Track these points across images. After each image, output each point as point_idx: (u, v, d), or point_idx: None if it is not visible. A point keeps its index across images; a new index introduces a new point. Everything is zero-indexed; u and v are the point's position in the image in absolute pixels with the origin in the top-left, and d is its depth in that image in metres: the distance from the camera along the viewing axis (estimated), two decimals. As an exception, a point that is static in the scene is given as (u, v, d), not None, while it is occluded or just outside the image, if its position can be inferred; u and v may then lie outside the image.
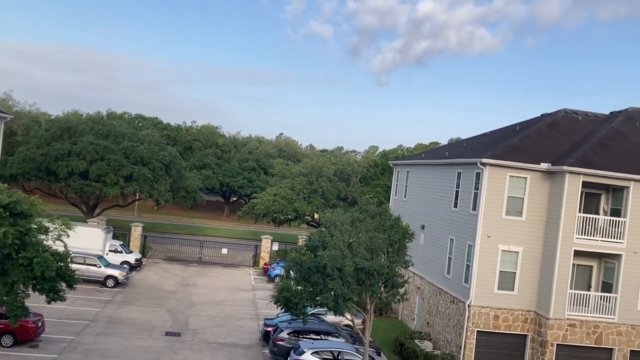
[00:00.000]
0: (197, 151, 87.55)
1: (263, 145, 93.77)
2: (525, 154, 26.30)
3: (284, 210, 54.77)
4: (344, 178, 60.39)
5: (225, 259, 50.50)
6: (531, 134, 28.59)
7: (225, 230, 72.24)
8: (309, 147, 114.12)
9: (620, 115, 30.29)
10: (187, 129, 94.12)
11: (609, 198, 26.68)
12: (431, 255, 31.42)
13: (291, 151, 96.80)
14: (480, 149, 29.25)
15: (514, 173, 25.84)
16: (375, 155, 77.36)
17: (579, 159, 25.20)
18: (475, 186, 26.59)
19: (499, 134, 32.93)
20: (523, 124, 32.39)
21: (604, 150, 26.53)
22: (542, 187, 25.96)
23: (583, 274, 26.86)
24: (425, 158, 36.35)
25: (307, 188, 57.18)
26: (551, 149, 27.06)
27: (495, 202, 25.74)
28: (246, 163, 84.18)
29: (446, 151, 35.42)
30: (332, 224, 22.85)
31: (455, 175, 29.20)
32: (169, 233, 61.72)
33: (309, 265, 21.72)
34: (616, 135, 28.12)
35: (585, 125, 30.01)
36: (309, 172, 58.64)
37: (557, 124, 29.88)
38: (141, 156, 51.10)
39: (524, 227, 25.97)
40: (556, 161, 25.77)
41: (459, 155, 30.97)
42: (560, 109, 31.23)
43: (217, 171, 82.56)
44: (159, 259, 49.26)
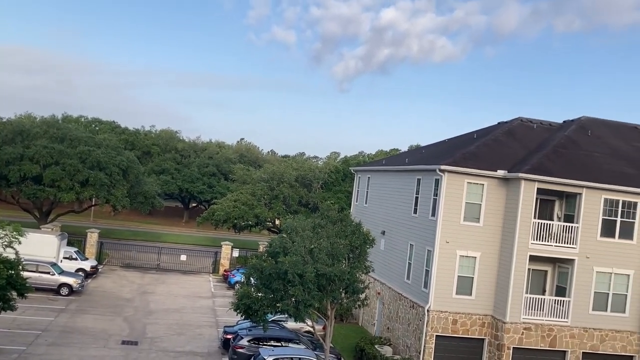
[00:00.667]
0: (155, 156, 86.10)
1: (223, 151, 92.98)
2: (483, 161, 26.84)
3: (245, 216, 54.39)
4: (306, 184, 60.41)
5: (184, 266, 49.73)
6: (488, 141, 29.21)
7: (184, 236, 71.19)
8: (270, 153, 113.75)
9: (573, 124, 31.28)
10: (145, 133, 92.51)
11: (562, 204, 27.47)
12: (391, 261, 31.69)
13: (252, 157, 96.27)
14: (439, 156, 29.72)
15: (472, 180, 26.33)
16: (337, 162, 77.70)
17: (534, 166, 25.87)
18: (434, 192, 26.97)
19: (458, 141, 33.53)
20: (480, 131, 33.08)
21: (557, 157, 27.32)
22: (498, 194, 26.53)
23: (538, 278, 27.55)
24: (385, 164, 36.70)
25: (269, 194, 56.95)
26: (507, 156, 27.70)
27: (453, 208, 26.16)
28: (206, 168, 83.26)
29: (406, 158, 35.86)
30: (294, 230, 22.79)
31: (415, 182, 29.56)
32: (126, 239, 60.40)
33: (270, 271, 21.59)
34: (569, 143, 29.01)
35: (540, 133, 30.86)
36: (270, 177, 58.43)
37: (514, 132, 30.63)
38: (98, 161, 49.94)
39: (482, 233, 26.47)
40: (512, 168, 26.40)
41: (419, 162, 31.39)
42: (516, 118, 32.04)
43: (177, 176, 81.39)
44: (115, 266, 48.13)
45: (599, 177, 26.32)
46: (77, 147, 50.36)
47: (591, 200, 26.06)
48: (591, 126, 31.17)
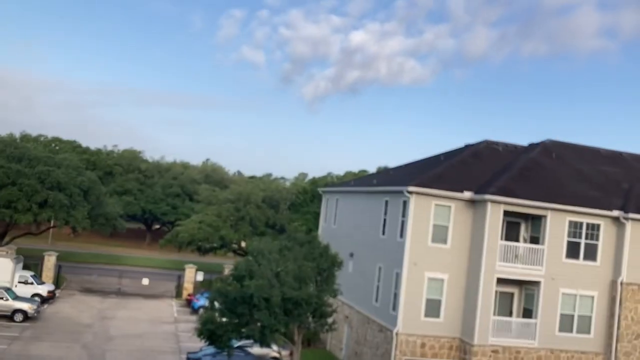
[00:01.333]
0: (118, 176, 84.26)
1: (188, 171, 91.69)
2: (450, 183, 26.90)
3: (210, 238, 53.38)
4: (273, 205, 59.81)
5: (147, 290, 48.33)
6: (455, 163, 29.37)
7: (146, 259, 69.44)
8: (236, 173, 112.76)
9: (538, 146, 31.77)
10: (107, 153, 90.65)
11: (528, 226, 27.68)
12: (360, 284, 31.33)
13: (218, 177, 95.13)
14: (407, 177, 29.70)
15: (439, 201, 26.32)
16: (305, 182, 77.49)
17: (500, 188, 26.03)
18: (402, 214, 26.86)
19: (425, 163, 33.66)
20: (448, 153, 33.30)
21: (523, 180, 27.60)
22: (466, 216, 26.58)
23: (505, 300, 27.57)
24: (354, 186, 36.56)
25: (235, 215, 56.10)
26: (474, 178, 27.86)
27: (421, 230, 26.06)
28: (170, 189, 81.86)
29: (374, 179, 35.79)
30: (260, 253, 22.29)
31: (383, 203, 29.42)
32: (86, 262, 58.54)
33: (235, 295, 20.98)
34: (534, 165, 29.39)
35: (506, 155, 31.21)
36: (237, 198, 57.66)
37: (480, 154, 30.91)
38: (57, 181, 48.44)
39: (449, 255, 26.41)
40: (479, 190, 26.51)
41: (387, 183, 31.32)
42: (483, 140, 32.38)
43: (139, 197, 79.73)
44: (74, 291, 46.43)
45: (563, 199, 26.65)
46: (35, 166, 48.81)
47: (556, 222, 26.33)
48: (555, 149, 31.70)
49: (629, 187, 29.44)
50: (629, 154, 34.02)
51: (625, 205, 27.38)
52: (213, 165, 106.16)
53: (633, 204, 27.50)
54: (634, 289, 26.96)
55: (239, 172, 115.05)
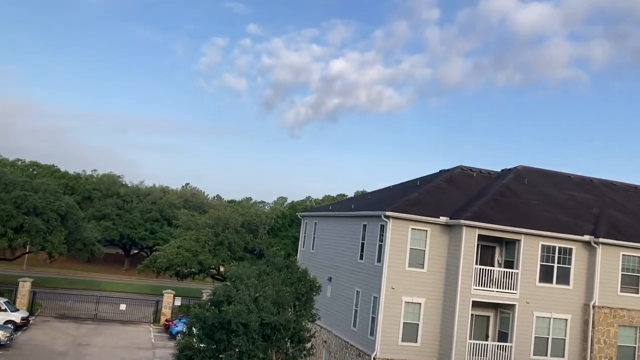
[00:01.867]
0: (96, 201, 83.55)
1: (168, 196, 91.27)
2: (426, 208, 27.41)
3: (188, 263, 53.07)
4: (252, 229, 59.80)
5: (124, 316, 47.72)
6: (431, 188, 29.94)
7: (124, 284, 68.57)
8: (216, 198, 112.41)
9: (511, 172, 32.55)
10: (86, 177, 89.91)
11: (502, 250, 28.22)
12: (338, 308, 31.46)
13: (197, 202, 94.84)
14: (384, 202, 30.16)
15: (416, 226, 26.78)
16: (284, 207, 77.62)
17: (474, 213, 26.60)
18: (380, 238, 27.22)
19: (402, 188, 34.19)
20: (423, 179, 33.90)
21: (497, 205, 28.24)
22: (441, 240, 27.04)
23: (481, 324, 27.91)
24: (332, 210, 36.89)
25: (213, 240, 55.94)
26: (449, 203, 28.42)
27: (398, 254, 26.43)
28: (149, 214, 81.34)
29: (352, 204, 36.18)
30: (238, 278, 22.38)
31: (361, 228, 29.78)
32: (62, 288, 57.61)
33: (213, 321, 21.00)
34: (507, 191, 30.09)
35: (479, 181, 31.90)
36: (216, 223, 57.54)
37: (455, 179, 31.56)
38: (34, 206, 47.95)
39: (426, 279, 26.76)
40: (454, 215, 27.05)
41: (365, 207, 31.71)
42: (457, 166, 33.07)
43: (118, 222, 79.05)
44: (49, 317, 45.65)
45: (536, 224, 27.29)
46: (12, 191, 48.31)
47: (529, 246, 26.92)
48: (527, 175, 32.51)
49: (599, 212, 30.26)
50: (599, 180, 35.02)
51: (596, 230, 28.12)
52: (192, 189, 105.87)
53: (603, 228, 28.26)
54: (605, 312, 27.53)
55: (218, 197, 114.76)
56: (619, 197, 33.52)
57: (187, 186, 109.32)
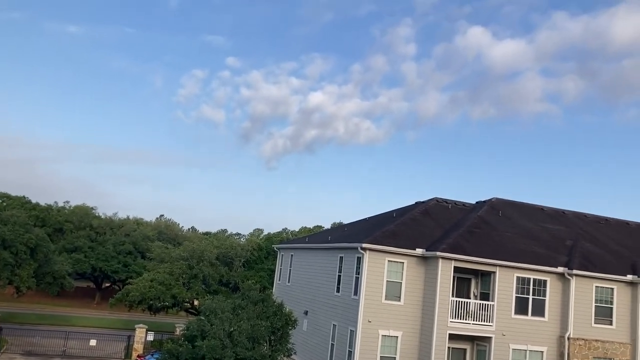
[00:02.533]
0: (68, 233, 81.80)
1: (142, 228, 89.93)
2: (402, 240, 27.46)
3: (161, 296, 51.98)
4: (227, 262, 59.07)
5: (94, 352, 46.28)
6: (407, 220, 30.06)
7: (95, 319, 66.73)
8: (191, 230, 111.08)
9: (485, 204, 32.91)
10: (58, 209, 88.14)
11: (478, 282, 28.31)
12: (314, 342, 31.02)
13: (172, 234, 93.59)
14: (361, 234, 30.15)
15: (392, 258, 26.76)
16: (260, 239, 77.01)
17: (450, 245, 26.72)
18: (357, 271, 27.10)
19: (378, 219, 34.27)
20: (399, 210, 34.06)
21: (472, 237, 28.43)
22: (418, 272, 27.04)
23: (458, 356, 27.75)
24: (309, 242, 36.71)
25: (187, 273, 55.03)
26: (425, 235, 28.53)
27: (375, 287, 26.30)
28: (122, 246, 79.87)
29: (329, 235, 36.09)
30: (212, 312, 21.99)
31: (337, 260, 29.64)
32: (29, 324, 55.71)
33: (186, 356, 20.51)
34: (482, 223, 30.37)
35: (455, 213, 32.17)
36: (190, 256, 56.71)
37: (430, 211, 31.77)
38: (2, 239, 46.73)
39: (403, 312, 26.63)
40: (430, 247, 27.14)
41: (341, 239, 31.64)
42: (433, 198, 33.35)
43: (90, 255, 77.38)
44: (15, 354, 44.01)
45: (511, 256, 27.52)
46: (-20, 223, 47.11)
47: (504, 278, 27.07)
48: (501, 207, 32.91)
49: (573, 244, 30.68)
50: (571, 212, 35.61)
51: (570, 262, 28.47)
52: (167, 221, 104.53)
53: (577, 260, 28.62)
54: (580, 344, 27.67)
55: (193, 229, 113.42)
56: (591, 228, 34.09)
57: (161, 218, 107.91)
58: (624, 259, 30.35)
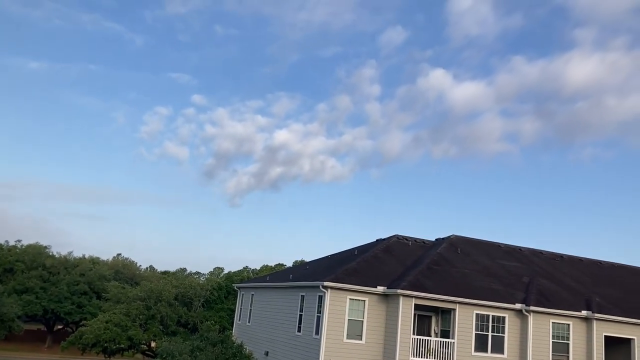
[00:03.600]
0: (19, 273, 78.66)
1: (98, 267, 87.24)
2: (364, 278, 27.47)
3: (117, 338, 50.27)
4: (186, 302, 57.77)
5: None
6: (368, 258, 30.16)
7: (45, 363, 63.86)
8: (149, 269, 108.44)
9: (444, 242, 33.37)
10: (9, 249, 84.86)
11: (438, 320, 28.43)
12: (274, 384, 30.38)
13: (129, 273, 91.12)
14: (323, 272, 30.05)
15: (354, 296, 26.69)
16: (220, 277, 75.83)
17: (410, 283, 26.87)
18: (318, 310, 26.88)
19: (340, 257, 34.27)
20: (361, 248, 34.18)
21: (432, 274, 28.69)
22: (379, 310, 27.00)
23: (420, 396, 27.58)
24: (270, 281, 36.30)
25: (145, 313, 53.53)
26: (386, 272, 28.65)
27: (336, 326, 26.10)
28: (77, 286, 77.22)
29: (290, 274, 35.81)
30: (170, 354, 21.41)
31: (299, 299, 29.36)
32: (-26, 370, 52.95)
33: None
34: (442, 260, 30.72)
35: (415, 250, 32.48)
36: (148, 296, 55.28)
37: (391, 249, 32.00)
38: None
39: (364, 351, 26.42)
40: (391, 284, 27.22)
41: (303, 278, 31.45)
42: (393, 235, 33.63)
43: (42, 296, 74.47)
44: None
45: (470, 293, 27.82)
46: None
47: (464, 315, 27.28)
48: (460, 244, 33.41)
49: (529, 281, 31.26)
50: (527, 249, 36.42)
51: (527, 298, 28.93)
52: (125, 260, 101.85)
53: (533, 297, 29.11)
54: (539, 380, 27.89)
55: (152, 268, 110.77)
56: (547, 265, 34.88)
57: (119, 257, 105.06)
58: (579, 295, 31.07)
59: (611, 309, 29.69)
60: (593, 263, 38.30)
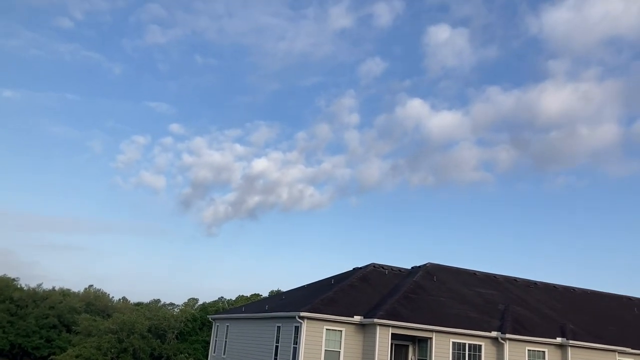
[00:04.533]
0: (-15, 307, 76.26)
1: (68, 299, 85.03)
2: (340, 307, 27.31)
3: (88, 373, 48.85)
4: (160, 334, 56.55)
5: None
6: (345, 287, 30.04)
7: (11, 401, 61.48)
8: (122, 300, 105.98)
9: (420, 270, 33.46)
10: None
11: (415, 349, 28.32)
12: (250, 418, 29.74)
13: (101, 305, 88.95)
14: (299, 302, 29.79)
15: (330, 326, 26.48)
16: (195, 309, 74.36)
17: (387, 312, 26.79)
18: (294, 340, 26.56)
19: (316, 286, 34.06)
20: (337, 277, 34.04)
21: (408, 303, 28.67)
22: (356, 340, 26.79)
23: None
24: (245, 312, 35.82)
25: (117, 347, 52.21)
26: (363, 301, 28.53)
27: (313, 357, 25.78)
28: (46, 320, 75.02)
29: (266, 304, 35.40)
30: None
31: (275, 330, 28.99)
32: None
33: None
34: (418, 288, 30.76)
35: (391, 278, 32.48)
36: (120, 328, 54.01)
37: (368, 277, 31.94)
38: None
39: (342, 382, 26.10)
40: (368, 314, 27.09)
41: (279, 308, 31.12)
42: (370, 264, 33.62)
43: (9, 330, 72.14)
44: None
45: (446, 322, 27.83)
46: None
47: (441, 344, 27.22)
48: (436, 272, 33.54)
49: (505, 308, 31.44)
50: (502, 276, 36.73)
51: (503, 326, 29.04)
52: (96, 292, 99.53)
53: (509, 324, 29.24)
54: (516, 408, 27.85)
55: (125, 299, 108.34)
56: (521, 292, 35.17)
57: (90, 288, 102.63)
58: (554, 322, 31.32)
59: (585, 336, 29.97)
60: (566, 290, 38.78)
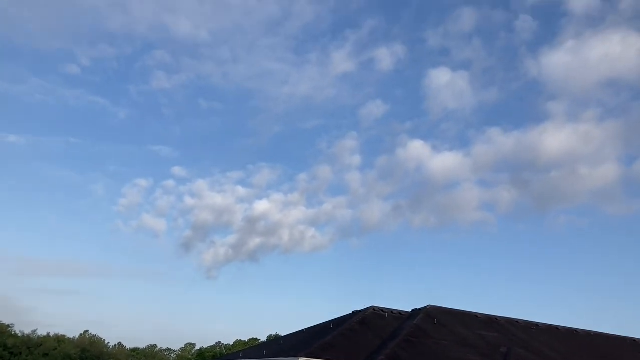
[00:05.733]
0: (-22, 354, 74.85)
1: (63, 345, 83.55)
2: (340, 352, 26.86)
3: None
4: (155, 381, 55.27)
5: None
6: (344, 331, 29.62)
7: None
8: (117, 346, 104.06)
9: (421, 312, 33.05)
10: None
11: (417, 394, 27.72)
12: None
13: (96, 351, 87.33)
14: (298, 347, 29.33)
15: (330, 372, 25.97)
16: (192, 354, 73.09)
17: (387, 356, 26.32)
18: (293, 387, 26.03)
19: (315, 330, 33.59)
20: (336, 320, 33.60)
21: (409, 347, 28.22)
22: (357, 386, 26.25)
23: None
24: (243, 357, 35.19)
25: (112, 395, 50.97)
26: (363, 345, 28.09)
27: (313, 404, 25.23)
28: (40, 367, 73.57)
29: (264, 349, 34.82)
30: None
31: (273, 376, 28.43)
32: None
33: None
34: (418, 332, 30.32)
35: (391, 322, 32.06)
36: (116, 376, 52.84)
37: (367, 321, 31.53)
38: None
39: None
40: (368, 358, 26.63)
41: (277, 354, 30.59)
42: (369, 307, 33.23)
43: (2, 378, 70.60)
44: None
45: (448, 365, 27.33)
46: None
47: (443, 388, 26.68)
48: (436, 314, 33.13)
49: (507, 351, 30.92)
50: (503, 318, 36.26)
51: (505, 369, 28.55)
52: (92, 337, 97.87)
53: (512, 367, 28.76)
54: None
55: (120, 345, 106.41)
56: (523, 334, 34.66)
57: (86, 334, 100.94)
58: (557, 365, 30.79)
59: (590, 379, 29.42)
60: (569, 331, 38.23)
